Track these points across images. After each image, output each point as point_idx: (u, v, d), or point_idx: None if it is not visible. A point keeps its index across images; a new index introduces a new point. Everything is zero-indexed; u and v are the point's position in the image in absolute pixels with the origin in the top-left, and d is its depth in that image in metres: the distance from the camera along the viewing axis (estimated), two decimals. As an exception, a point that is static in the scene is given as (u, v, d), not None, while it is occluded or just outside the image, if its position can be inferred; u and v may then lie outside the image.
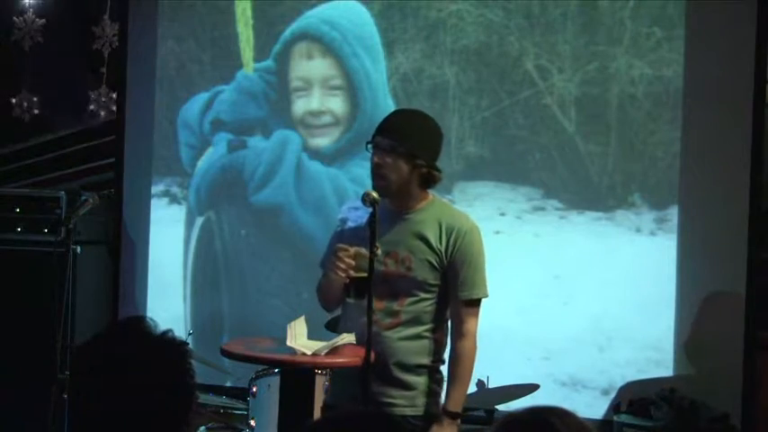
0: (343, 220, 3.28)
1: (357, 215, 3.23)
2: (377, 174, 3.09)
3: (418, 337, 3.15)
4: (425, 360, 3.17)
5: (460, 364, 3.14)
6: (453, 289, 3.15)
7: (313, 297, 3.39)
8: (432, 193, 3.22)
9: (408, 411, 3.13)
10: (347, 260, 3.02)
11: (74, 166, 5.65)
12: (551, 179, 4.73)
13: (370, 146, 3.13)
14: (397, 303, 3.13)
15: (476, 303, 3.18)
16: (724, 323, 4.46)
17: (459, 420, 3.16)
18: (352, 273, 3.03)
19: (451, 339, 3.20)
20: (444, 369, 3.25)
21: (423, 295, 3.14)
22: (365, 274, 2.99)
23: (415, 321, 3.15)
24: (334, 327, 3.57)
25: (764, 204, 4.50)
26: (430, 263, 3.13)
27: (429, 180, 3.14)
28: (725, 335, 4.44)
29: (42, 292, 4.43)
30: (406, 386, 3.15)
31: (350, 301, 3.16)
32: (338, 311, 3.41)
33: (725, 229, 4.47)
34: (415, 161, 3.08)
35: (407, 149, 3.07)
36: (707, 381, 4.39)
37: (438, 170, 3.14)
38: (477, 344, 3.21)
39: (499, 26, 4.80)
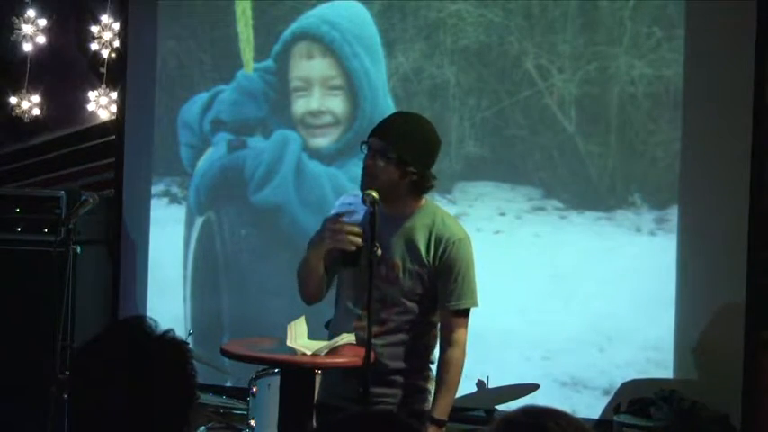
0: (338, 215, 3.25)
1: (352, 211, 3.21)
2: (367, 174, 3.08)
3: (403, 343, 3.13)
4: (412, 364, 3.15)
5: (448, 373, 3.11)
6: (442, 298, 3.12)
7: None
8: (425, 198, 3.19)
9: (397, 409, 3.13)
10: (348, 228, 3.01)
11: (74, 166, 5.65)
12: (551, 179, 4.73)
13: (364, 146, 3.11)
14: (385, 311, 3.10)
15: (465, 313, 3.14)
16: (724, 323, 4.46)
17: (444, 429, 3.14)
18: (352, 239, 3.02)
19: (440, 347, 3.16)
20: (434, 368, 3.25)
21: (409, 304, 3.12)
22: (360, 243, 3.01)
23: (401, 329, 3.12)
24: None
25: (764, 204, 4.50)
26: (417, 273, 3.09)
27: (420, 187, 3.11)
28: (725, 335, 4.44)
29: (42, 292, 4.43)
30: (394, 385, 3.14)
31: (350, 305, 3.14)
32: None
33: (725, 229, 4.47)
34: (406, 168, 3.05)
35: (398, 155, 3.04)
36: (707, 381, 4.39)
37: (432, 177, 3.10)
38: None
39: (499, 26, 4.80)
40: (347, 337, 3.06)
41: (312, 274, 3.16)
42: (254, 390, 3.96)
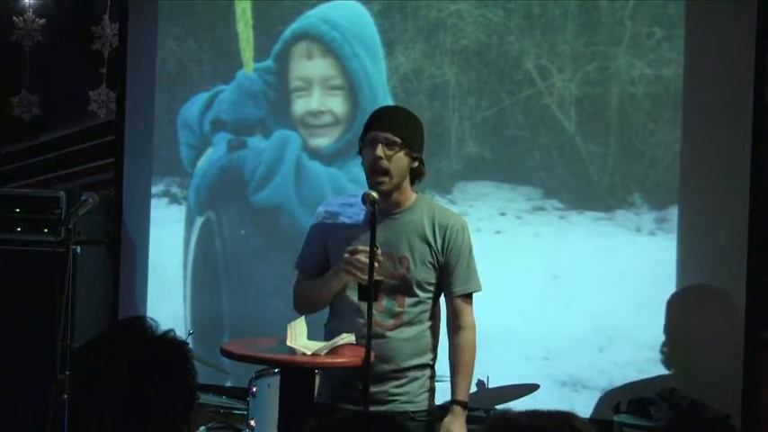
0: (333, 214, 3.25)
1: (352, 212, 3.22)
2: (378, 167, 3.07)
3: (421, 336, 3.17)
4: (426, 359, 3.18)
5: (464, 355, 3.17)
6: (448, 284, 3.17)
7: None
8: (416, 190, 3.23)
9: (409, 407, 3.15)
10: (363, 259, 2.93)
11: (74, 166, 5.65)
12: (551, 179, 4.73)
13: (367, 139, 3.11)
14: (398, 304, 3.14)
15: (471, 297, 3.22)
16: (724, 323, 4.46)
17: (467, 410, 3.16)
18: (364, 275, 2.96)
19: (450, 333, 3.21)
20: (437, 364, 3.27)
21: (422, 295, 3.15)
22: (380, 278, 2.97)
23: (417, 321, 3.16)
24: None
25: (764, 204, 4.50)
26: (429, 262, 3.14)
27: (419, 176, 3.18)
28: (725, 335, 4.44)
29: (42, 292, 4.42)
30: (407, 383, 3.15)
31: (357, 302, 3.12)
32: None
33: (725, 229, 4.47)
34: (413, 155, 3.11)
35: (408, 144, 3.08)
36: (707, 381, 4.39)
37: (424, 164, 3.19)
38: (477, 342, 3.23)
39: (499, 26, 4.80)
40: (347, 338, 3.07)
41: (324, 298, 3.19)
42: (254, 390, 3.95)
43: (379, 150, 3.07)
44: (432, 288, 3.17)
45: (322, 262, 3.25)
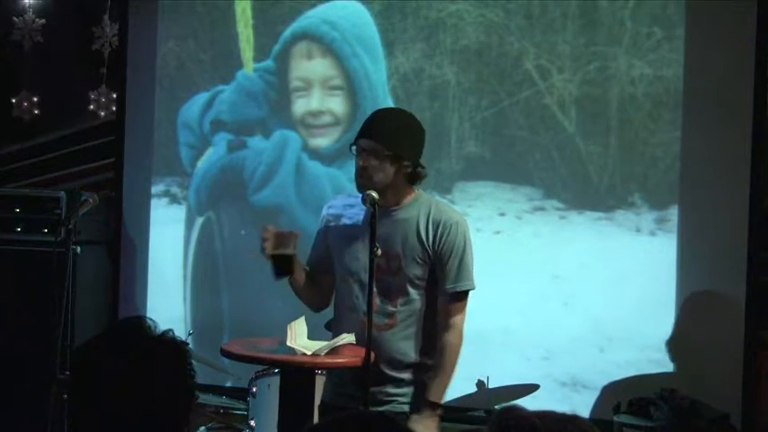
0: (336, 216, 3.27)
1: (353, 212, 3.23)
2: (362, 176, 3.09)
3: (416, 335, 3.15)
4: (423, 357, 3.17)
5: (444, 356, 3.12)
6: (440, 281, 3.14)
7: (313, 297, 3.37)
8: (417, 188, 3.21)
9: (408, 408, 3.14)
10: (264, 235, 3.05)
11: (74, 166, 5.65)
12: (551, 179, 4.73)
13: (354, 148, 3.13)
14: (392, 304, 3.12)
15: (463, 296, 3.16)
16: (724, 323, 4.46)
17: (439, 411, 3.14)
18: (269, 250, 3.07)
19: (438, 331, 3.19)
20: None
21: (414, 292, 3.13)
22: (288, 252, 3.07)
23: (411, 320, 3.14)
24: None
25: (764, 204, 4.50)
26: (420, 258, 3.12)
27: (415, 178, 3.15)
28: (725, 335, 4.44)
29: (42, 292, 4.42)
30: (405, 383, 3.15)
31: (354, 301, 3.14)
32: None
33: (725, 229, 4.47)
34: (401, 162, 3.09)
35: (392, 152, 3.07)
36: (707, 381, 4.39)
37: (423, 167, 3.14)
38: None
39: (499, 26, 4.80)
40: (347, 338, 3.07)
41: (301, 295, 3.28)
42: (254, 390, 3.97)
43: (362, 160, 3.08)
44: (423, 284, 3.14)
45: (324, 262, 3.28)
